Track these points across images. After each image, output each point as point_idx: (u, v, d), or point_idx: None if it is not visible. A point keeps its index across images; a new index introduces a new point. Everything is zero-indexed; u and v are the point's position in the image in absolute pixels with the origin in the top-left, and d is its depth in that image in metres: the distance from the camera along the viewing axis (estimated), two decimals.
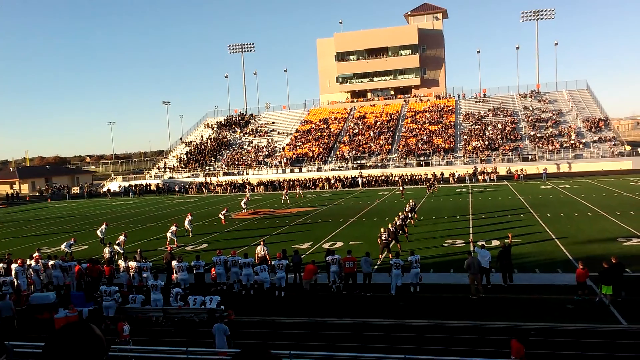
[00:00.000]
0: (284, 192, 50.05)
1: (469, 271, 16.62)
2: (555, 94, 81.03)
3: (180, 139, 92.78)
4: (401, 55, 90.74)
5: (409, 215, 29.31)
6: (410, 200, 31.91)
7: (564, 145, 65.05)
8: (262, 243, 21.68)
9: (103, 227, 29.95)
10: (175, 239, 28.03)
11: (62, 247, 26.00)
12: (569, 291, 16.04)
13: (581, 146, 64.55)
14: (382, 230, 22.74)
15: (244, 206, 42.13)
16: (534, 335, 13.00)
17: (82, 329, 2.20)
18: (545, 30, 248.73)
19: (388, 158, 70.16)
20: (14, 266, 20.27)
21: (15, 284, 19.25)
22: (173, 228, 28.51)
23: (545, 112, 75.02)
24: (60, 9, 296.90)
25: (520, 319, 14.13)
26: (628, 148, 63.39)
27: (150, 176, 79.56)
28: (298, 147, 77.43)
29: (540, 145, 66.12)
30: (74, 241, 26.63)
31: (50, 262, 21.08)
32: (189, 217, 32.21)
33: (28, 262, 20.76)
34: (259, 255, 20.61)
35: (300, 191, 55.63)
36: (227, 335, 12.49)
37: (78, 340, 2.15)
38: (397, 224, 25.29)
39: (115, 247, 24.45)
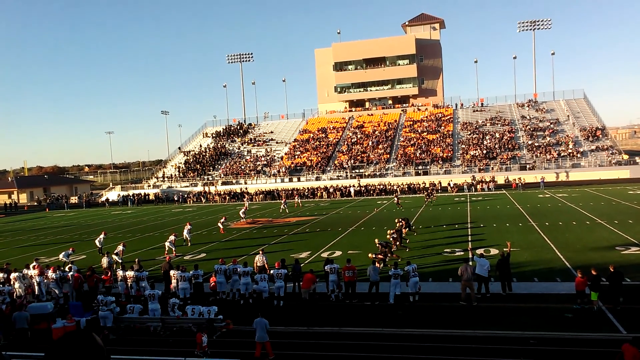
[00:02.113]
0: (282, 202, 50.07)
1: (462, 278, 16.76)
2: (553, 103, 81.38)
3: (179, 148, 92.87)
4: (399, 65, 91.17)
5: (403, 233, 27.82)
6: (397, 221, 30.52)
7: (562, 154, 65.24)
8: (260, 252, 21.69)
9: (102, 236, 29.90)
10: (173, 249, 28.01)
11: (61, 256, 25.92)
12: (568, 300, 16.03)
13: (579, 155, 64.74)
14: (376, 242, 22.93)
15: (242, 215, 42.09)
16: (534, 344, 12.99)
17: (84, 339, 2.20)
18: (542, 40, 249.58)
19: (386, 167, 70.27)
20: (14, 274, 20.24)
21: (16, 293, 19.27)
22: (172, 237, 28.47)
23: (542, 121, 75.30)
24: (59, 19, 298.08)
25: (519, 328, 14.10)
26: (625, 157, 63.60)
27: (149, 185, 79.53)
28: (296, 157, 77.54)
29: (538, 154, 66.30)
30: (72, 251, 26.56)
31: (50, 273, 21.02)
32: (187, 227, 32.18)
33: (47, 273, 20.62)
34: (258, 264, 20.63)
35: (299, 200, 55.60)
36: (267, 328, 13.27)
37: (79, 350, 2.14)
38: (390, 240, 25.34)
39: (114, 256, 24.41)
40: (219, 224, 36.28)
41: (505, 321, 14.87)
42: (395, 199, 47.77)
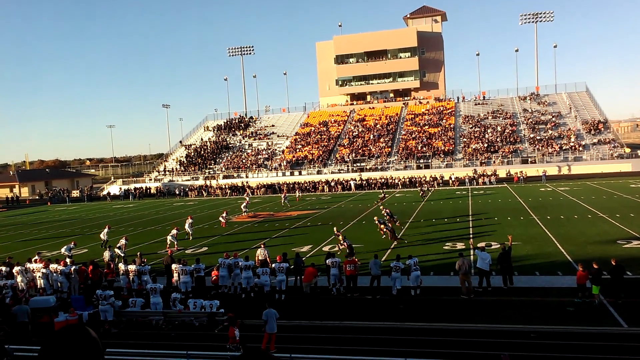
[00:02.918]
0: (282, 195, 50.11)
1: (460, 272, 16.82)
2: (555, 96, 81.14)
3: (180, 142, 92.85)
4: (400, 57, 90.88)
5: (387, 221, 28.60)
6: (382, 208, 31.62)
7: (564, 148, 65.12)
8: (262, 246, 21.76)
9: (106, 230, 29.99)
10: (175, 242, 28.07)
11: (62, 250, 25.98)
12: (570, 293, 16.04)
13: (581, 148, 64.61)
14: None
15: (244, 209, 42.12)
16: (535, 337, 13.01)
17: (78, 332, 2.23)
18: (544, 33, 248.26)
19: (388, 161, 70.21)
20: (16, 267, 20.31)
21: (18, 287, 19.34)
22: (174, 231, 28.53)
23: (544, 115, 75.12)
24: (59, 12, 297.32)
25: (520, 322, 14.12)
26: (627, 150, 63.49)
27: (150, 179, 79.58)
28: (298, 150, 77.49)
29: (540, 148, 66.18)
30: (74, 244, 26.62)
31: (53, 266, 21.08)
32: (189, 220, 32.21)
33: (53, 266, 20.67)
34: (260, 258, 20.71)
35: (299, 194, 55.59)
36: (276, 318, 13.43)
37: (74, 343, 2.17)
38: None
39: (116, 250, 24.51)
40: (221, 218, 36.31)
41: (507, 315, 14.89)
42: (382, 194, 48.25)
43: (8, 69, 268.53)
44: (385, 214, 29.75)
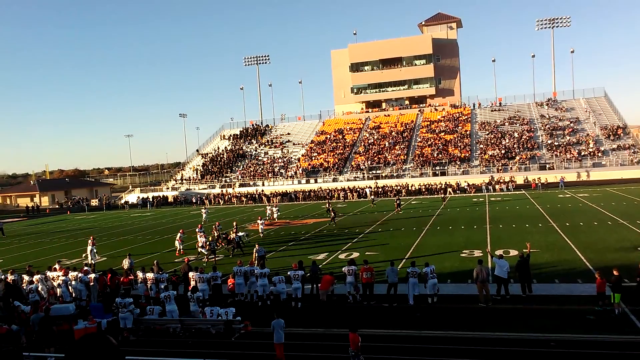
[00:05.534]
0: (273, 206, 46.27)
1: (477, 279, 16.65)
2: (572, 101, 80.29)
3: (197, 150, 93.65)
4: (416, 65, 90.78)
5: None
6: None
7: (582, 154, 64.32)
8: (257, 245, 23.82)
9: (202, 239, 29.32)
10: (180, 247, 29.30)
11: (89, 256, 26.84)
12: (590, 301, 15.77)
13: (600, 154, 63.76)
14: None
15: (261, 221, 39.18)
16: (554, 346, 12.82)
17: (100, 340, 2.30)
18: (561, 38, 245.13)
19: (403, 168, 69.99)
20: (36, 276, 20.62)
21: (42, 294, 19.64)
22: (179, 236, 29.73)
23: (562, 120, 74.33)
24: (76, 22, 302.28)
25: (539, 330, 13.93)
26: None
27: (168, 188, 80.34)
28: (313, 158, 77.65)
29: (558, 154, 65.46)
30: (92, 242, 27.76)
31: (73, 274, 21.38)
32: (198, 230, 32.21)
33: (72, 274, 21.01)
34: (258, 254, 22.69)
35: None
36: (282, 328, 13.26)
37: (96, 350, 2.24)
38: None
39: (200, 249, 27.37)
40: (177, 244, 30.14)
41: (526, 323, 14.69)
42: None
43: (27, 79, 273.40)
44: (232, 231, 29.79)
